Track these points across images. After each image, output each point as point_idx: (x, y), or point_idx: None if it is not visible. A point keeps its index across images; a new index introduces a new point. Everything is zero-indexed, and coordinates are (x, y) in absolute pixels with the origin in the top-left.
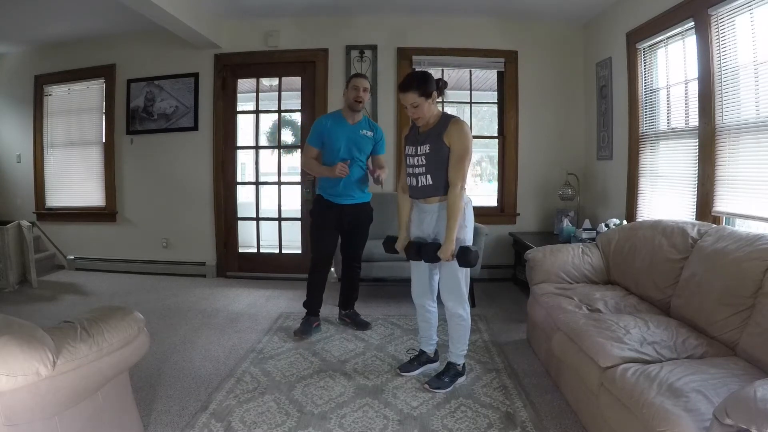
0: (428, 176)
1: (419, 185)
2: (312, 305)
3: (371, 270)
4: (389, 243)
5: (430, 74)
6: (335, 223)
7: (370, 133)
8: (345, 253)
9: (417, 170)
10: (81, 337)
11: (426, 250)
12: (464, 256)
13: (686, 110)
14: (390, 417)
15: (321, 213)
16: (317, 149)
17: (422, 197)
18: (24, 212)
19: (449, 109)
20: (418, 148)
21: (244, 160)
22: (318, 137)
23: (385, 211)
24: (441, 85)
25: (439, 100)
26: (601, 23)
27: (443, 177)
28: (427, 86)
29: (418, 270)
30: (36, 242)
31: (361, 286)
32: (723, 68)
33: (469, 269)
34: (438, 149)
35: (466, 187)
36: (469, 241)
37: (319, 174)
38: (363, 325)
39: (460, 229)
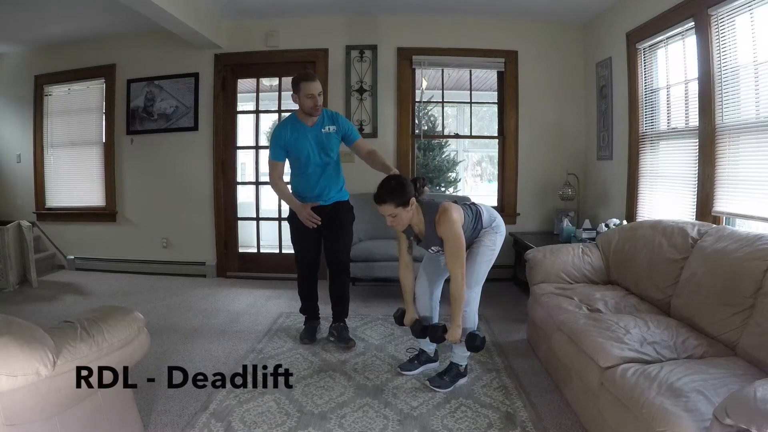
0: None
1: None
2: (309, 311)
3: (371, 270)
4: (399, 317)
5: (405, 181)
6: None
7: (333, 128)
8: (329, 259)
9: (439, 255)
10: (81, 337)
11: (432, 332)
12: (471, 342)
13: (686, 110)
14: (390, 417)
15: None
16: (283, 161)
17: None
18: (24, 212)
19: (450, 109)
20: (430, 249)
21: (244, 160)
22: (282, 150)
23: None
24: (419, 186)
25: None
26: (601, 23)
27: None
28: (404, 195)
29: (422, 287)
30: (36, 242)
31: (362, 285)
32: (723, 68)
33: (490, 265)
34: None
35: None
36: (498, 246)
37: (287, 202)
38: (345, 341)
39: (488, 249)
